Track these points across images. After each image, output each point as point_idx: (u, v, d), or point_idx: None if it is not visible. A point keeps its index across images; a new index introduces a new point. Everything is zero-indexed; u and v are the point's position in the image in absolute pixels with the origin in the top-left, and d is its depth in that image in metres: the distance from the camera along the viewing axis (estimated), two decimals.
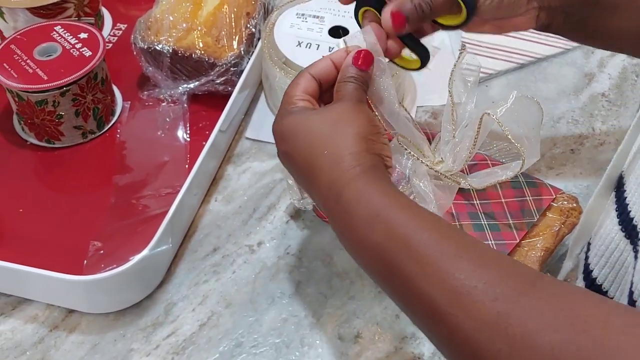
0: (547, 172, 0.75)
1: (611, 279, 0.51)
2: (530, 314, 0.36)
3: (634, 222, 0.48)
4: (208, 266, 0.66)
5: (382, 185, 0.46)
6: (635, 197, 0.48)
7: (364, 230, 0.44)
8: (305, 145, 0.50)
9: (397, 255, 0.42)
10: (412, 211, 0.44)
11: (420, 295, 0.40)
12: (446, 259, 0.40)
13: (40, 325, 0.62)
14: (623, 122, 0.82)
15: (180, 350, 0.60)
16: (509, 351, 0.36)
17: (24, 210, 0.68)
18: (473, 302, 0.38)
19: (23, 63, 0.71)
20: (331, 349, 0.60)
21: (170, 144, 0.75)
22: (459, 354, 0.40)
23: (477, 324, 0.38)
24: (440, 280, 0.40)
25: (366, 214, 0.44)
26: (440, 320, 0.39)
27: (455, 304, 0.39)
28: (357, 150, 0.48)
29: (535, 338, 0.35)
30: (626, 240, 0.49)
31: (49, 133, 0.74)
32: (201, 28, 0.77)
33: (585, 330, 0.35)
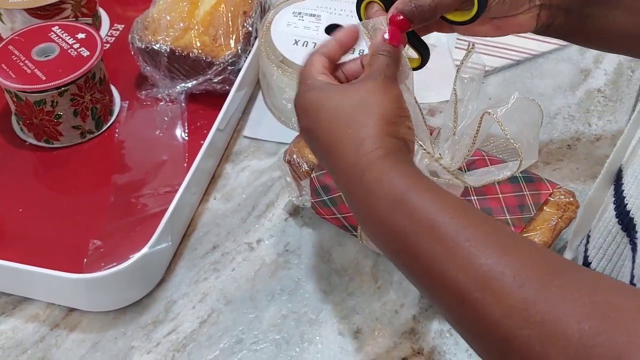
0: (544, 168, 0.75)
1: (609, 271, 0.52)
2: (557, 301, 0.36)
3: (630, 214, 0.48)
4: (208, 264, 0.67)
5: (406, 168, 0.45)
6: (632, 190, 0.48)
7: (386, 212, 0.44)
8: (329, 122, 0.49)
9: (421, 238, 0.42)
10: (437, 194, 0.43)
11: (446, 279, 0.40)
12: (474, 243, 0.40)
13: (41, 324, 0.62)
14: (619, 117, 0.82)
15: (180, 348, 0.61)
16: (538, 337, 0.36)
17: (23, 210, 0.69)
18: (501, 287, 0.38)
19: (21, 63, 0.72)
20: (331, 344, 0.61)
21: (168, 143, 0.75)
22: (487, 340, 0.39)
23: (505, 309, 0.37)
24: (468, 264, 0.39)
25: (390, 195, 0.44)
26: (468, 304, 0.39)
27: (483, 289, 0.38)
28: (382, 133, 0.47)
29: (564, 325, 0.35)
30: (623, 233, 0.49)
31: (48, 133, 0.74)
32: (198, 27, 0.77)
33: (615, 319, 0.35)
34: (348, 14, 0.81)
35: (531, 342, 0.36)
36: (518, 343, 0.37)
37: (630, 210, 0.48)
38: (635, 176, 0.48)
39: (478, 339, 0.40)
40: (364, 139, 0.47)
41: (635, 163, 0.49)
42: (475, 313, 0.39)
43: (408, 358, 0.60)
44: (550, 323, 0.36)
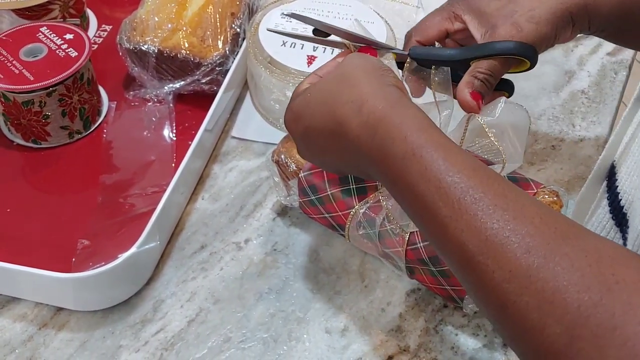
0: (528, 168, 0.76)
1: None
2: (559, 270, 0.36)
3: (623, 210, 0.49)
4: (196, 263, 0.67)
5: (417, 119, 0.45)
6: (626, 186, 0.49)
7: (399, 169, 0.44)
8: (322, 106, 0.49)
9: (430, 198, 0.42)
10: (449, 152, 0.43)
11: (452, 241, 0.40)
12: (481, 206, 0.40)
13: (29, 323, 0.62)
14: (602, 118, 0.83)
15: (169, 347, 0.61)
16: (536, 305, 0.36)
17: (11, 210, 0.69)
18: (504, 252, 0.38)
19: (9, 64, 0.72)
20: (318, 342, 0.61)
21: (156, 144, 0.76)
22: (487, 302, 0.40)
23: (506, 274, 0.37)
24: (473, 228, 0.39)
25: (401, 151, 0.44)
26: (471, 267, 0.39)
27: (486, 253, 0.38)
28: (376, 86, 0.47)
29: (563, 295, 0.35)
30: (616, 229, 0.50)
31: (36, 133, 0.74)
32: (186, 28, 0.78)
33: (614, 290, 0.34)
34: (336, 15, 0.81)
35: (529, 309, 0.36)
36: (516, 309, 0.37)
37: (624, 206, 0.49)
38: (629, 172, 0.49)
39: (478, 298, 0.41)
40: (365, 98, 0.47)
41: (629, 159, 0.49)
42: (477, 275, 0.39)
43: (394, 356, 0.61)
44: (551, 291, 0.36)
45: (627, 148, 0.50)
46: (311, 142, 0.52)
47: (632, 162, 0.49)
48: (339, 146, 0.49)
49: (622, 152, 0.51)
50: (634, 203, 0.48)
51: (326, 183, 0.62)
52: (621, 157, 0.51)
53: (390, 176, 0.45)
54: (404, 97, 0.47)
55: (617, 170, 0.51)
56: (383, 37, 0.79)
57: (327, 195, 0.62)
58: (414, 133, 0.44)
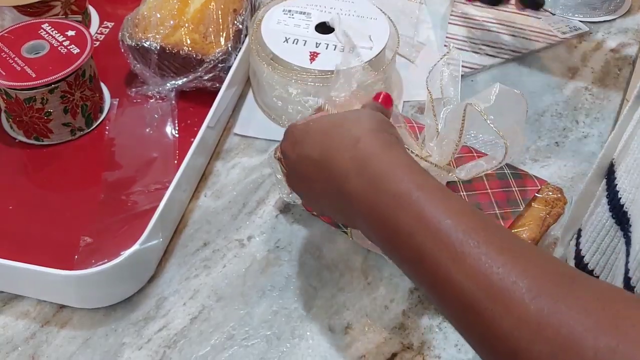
0: (532, 165, 0.76)
1: (602, 264, 0.52)
2: (572, 314, 0.34)
3: (624, 208, 0.48)
4: (198, 261, 0.67)
5: (410, 163, 0.44)
6: (625, 184, 0.49)
7: (391, 210, 0.42)
8: (321, 136, 0.50)
9: (427, 241, 0.40)
10: (445, 195, 0.42)
11: (453, 286, 0.38)
12: (484, 249, 0.38)
13: (32, 321, 0.62)
14: (606, 115, 0.83)
15: (171, 344, 0.61)
16: (549, 353, 0.34)
17: (13, 207, 0.68)
18: (512, 298, 0.36)
19: (11, 61, 0.71)
20: (322, 340, 0.61)
21: (159, 141, 0.76)
22: (495, 352, 0.37)
23: (516, 321, 0.35)
24: (477, 272, 0.37)
25: (394, 191, 0.42)
26: (475, 314, 0.37)
27: (493, 299, 0.36)
28: (375, 128, 0.47)
29: (578, 342, 0.33)
30: (617, 227, 0.50)
31: (38, 130, 0.74)
32: (188, 25, 0.78)
33: (630, 334, 0.33)
34: (338, 11, 0.81)
35: (541, 358, 0.34)
36: (527, 358, 0.35)
37: (624, 204, 0.49)
38: (628, 170, 0.49)
39: (485, 349, 0.38)
40: (360, 135, 0.47)
41: (628, 157, 0.49)
42: (483, 323, 0.37)
43: (398, 353, 0.60)
44: (564, 338, 0.34)
45: (627, 146, 0.50)
46: (302, 169, 0.52)
47: (631, 160, 0.49)
48: (327, 176, 0.48)
49: (621, 150, 0.50)
50: (635, 201, 0.48)
51: None
52: (620, 155, 0.51)
53: (377, 215, 0.43)
54: (401, 144, 0.48)
55: (616, 169, 0.51)
56: (386, 33, 0.79)
57: None
58: (408, 174, 0.43)
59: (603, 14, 0.99)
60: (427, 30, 0.94)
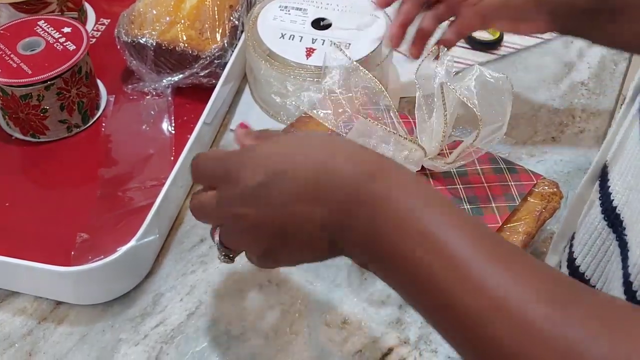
0: (528, 159, 0.76)
1: (593, 267, 0.52)
2: (582, 327, 0.34)
3: (616, 211, 0.48)
4: (195, 257, 0.67)
5: (410, 180, 0.42)
6: (618, 187, 0.49)
7: (394, 233, 0.40)
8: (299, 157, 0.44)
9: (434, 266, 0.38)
10: (449, 210, 0.40)
11: (456, 307, 0.37)
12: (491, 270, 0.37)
13: (29, 317, 0.62)
14: (602, 110, 0.83)
15: (169, 340, 0.61)
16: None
17: (10, 204, 0.69)
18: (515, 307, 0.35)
19: (7, 57, 0.71)
20: (318, 335, 0.61)
21: (155, 137, 0.76)
22: None
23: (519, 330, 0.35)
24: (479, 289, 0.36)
25: (397, 212, 0.40)
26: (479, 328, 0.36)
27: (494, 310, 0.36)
28: (358, 149, 0.43)
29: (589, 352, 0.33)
30: (609, 229, 0.50)
31: (34, 127, 0.74)
32: (184, 21, 0.77)
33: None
34: (334, 7, 0.81)
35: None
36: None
37: (617, 207, 0.48)
38: (621, 172, 0.49)
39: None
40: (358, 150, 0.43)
41: (622, 159, 0.49)
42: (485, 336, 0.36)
43: (395, 348, 0.61)
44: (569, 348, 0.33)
45: (620, 148, 0.50)
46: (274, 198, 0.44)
47: (625, 163, 0.48)
48: (311, 210, 0.43)
49: (615, 152, 0.50)
50: (629, 204, 0.47)
51: None
52: (614, 158, 0.50)
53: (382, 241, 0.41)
54: (391, 160, 0.44)
55: (609, 170, 0.51)
56: (382, 29, 0.79)
57: None
58: (412, 194, 0.41)
59: None
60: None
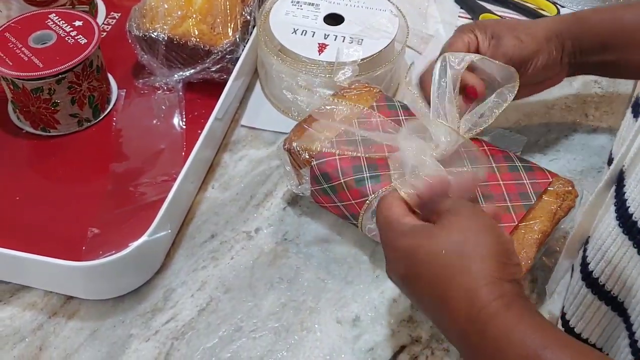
0: (541, 158, 0.76)
1: (608, 273, 0.51)
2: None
3: (633, 218, 0.48)
4: (206, 252, 0.67)
5: (535, 319, 0.42)
6: (635, 194, 0.48)
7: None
8: (430, 270, 0.45)
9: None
10: (574, 350, 0.41)
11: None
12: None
13: (39, 312, 0.62)
14: (615, 108, 0.82)
15: (179, 336, 0.60)
16: None
17: (20, 199, 0.68)
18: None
19: (18, 51, 0.71)
20: (330, 332, 0.61)
21: (166, 132, 0.75)
22: None
23: None
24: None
25: (522, 353, 0.41)
26: None
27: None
28: (494, 278, 0.43)
29: None
30: (624, 236, 0.49)
31: (45, 121, 0.73)
32: (196, 15, 0.77)
33: None
34: (347, 3, 0.81)
35: None
36: None
37: (633, 214, 0.48)
38: (638, 179, 0.48)
39: None
40: (478, 287, 0.43)
41: (639, 166, 0.48)
42: None
43: (406, 346, 0.60)
44: None
45: (638, 155, 0.49)
46: (406, 288, 0.49)
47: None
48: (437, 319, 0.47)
49: (633, 159, 0.50)
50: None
51: (339, 171, 0.62)
52: (631, 164, 0.50)
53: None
54: (521, 294, 0.44)
55: (625, 176, 0.50)
56: (395, 25, 0.78)
57: (340, 183, 0.62)
58: (534, 333, 0.41)
59: None
60: (435, 23, 0.93)
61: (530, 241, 0.58)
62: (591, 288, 0.53)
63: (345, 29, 0.78)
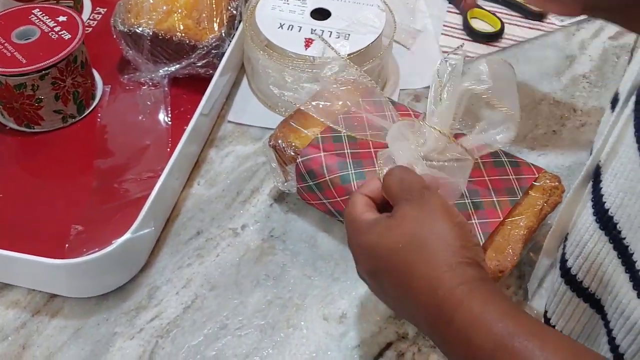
0: (529, 153, 0.75)
1: (585, 269, 0.51)
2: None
3: (609, 213, 0.47)
4: (191, 250, 0.66)
5: (500, 305, 0.42)
6: (611, 189, 0.48)
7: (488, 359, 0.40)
8: (393, 266, 0.45)
9: None
10: (544, 338, 0.40)
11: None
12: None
13: (22, 310, 0.61)
14: (604, 103, 0.82)
15: (164, 334, 0.60)
16: None
17: (3, 196, 0.67)
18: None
19: (1, 46, 0.70)
20: (316, 329, 0.60)
21: (151, 128, 0.75)
22: None
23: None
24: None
25: (487, 343, 0.40)
26: None
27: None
28: (454, 264, 0.43)
29: None
30: (600, 232, 0.49)
31: (29, 117, 0.73)
32: (181, 10, 0.76)
33: None
34: None
35: None
36: None
37: (609, 209, 0.47)
38: (614, 174, 0.48)
39: None
40: (438, 276, 0.43)
41: (615, 161, 0.48)
42: None
43: (393, 343, 0.60)
44: None
45: (614, 149, 0.49)
46: (374, 284, 0.49)
47: (619, 164, 0.47)
48: (406, 312, 0.47)
49: (609, 154, 0.49)
50: (624, 207, 0.46)
51: (324, 168, 0.61)
52: (607, 159, 0.49)
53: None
54: (484, 277, 0.44)
55: (602, 171, 0.50)
56: (382, 20, 0.78)
57: (325, 181, 0.61)
58: (499, 322, 0.40)
59: None
60: (424, 18, 0.93)
61: (516, 237, 0.58)
62: (570, 285, 0.53)
63: (332, 24, 0.77)
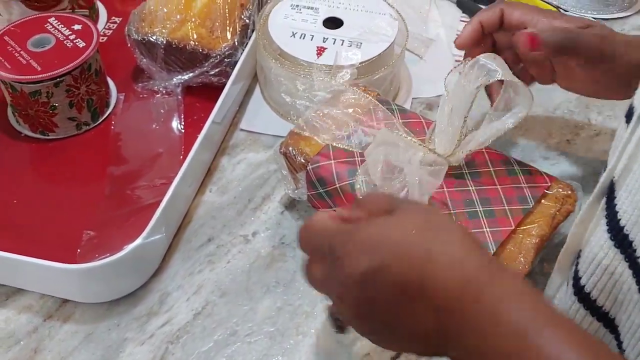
0: (542, 162, 0.75)
1: (600, 287, 0.50)
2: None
3: (624, 231, 0.46)
4: (203, 256, 0.66)
5: (532, 295, 0.41)
6: (626, 205, 0.47)
7: (510, 341, 0.39)
8: (404, 252, 0.41)
9: None
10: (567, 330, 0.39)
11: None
12: None
13: (35, 315, 0.62)
14: (618, 112, 0.81)
15: (174, 340, 0.60)
16: None
17: (18, 201, 0.68)
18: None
19: (17, 54, 0.71)
20: (326, 337, 0.60)
21: (164, 136, 0.75)
22: None
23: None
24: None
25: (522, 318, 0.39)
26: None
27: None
28: (478, 247, 0.42)
29: None
30: (615, 250, 0.48)
31: (43, 124, 0.73)
32: (195, 19, 0.77)
33: None
34: (347, 6, 0.80)
35: None
36: None
37: (625, 227, 0.47)
38: (629, 191, 0.47)
39: None
40: (466, 256, 0.41)
41: (630, 177, 0.47)
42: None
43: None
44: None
45: (629, 166, 0.48)
46: (377, 290, 0.42)
47: (633, 181, 0.47)
48: (414, 308, 0.41)
49: (623, 170, 0.49)
50: (639, 225, 0.46)
51: (335, 176, 0.61)
52: (622, 175, 0.49)
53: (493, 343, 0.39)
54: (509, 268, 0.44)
55: (616, 188, 0.49)
56: (394, 29, 0.78)
57: (335, 188, 0.61)
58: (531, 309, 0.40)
59: (617, 10, 0.97)
60: (437, 27, 0.93)
61: (528, 246, 0.58)
62: (583, 303, 0.52)
63: (344, 33, 0.77)
